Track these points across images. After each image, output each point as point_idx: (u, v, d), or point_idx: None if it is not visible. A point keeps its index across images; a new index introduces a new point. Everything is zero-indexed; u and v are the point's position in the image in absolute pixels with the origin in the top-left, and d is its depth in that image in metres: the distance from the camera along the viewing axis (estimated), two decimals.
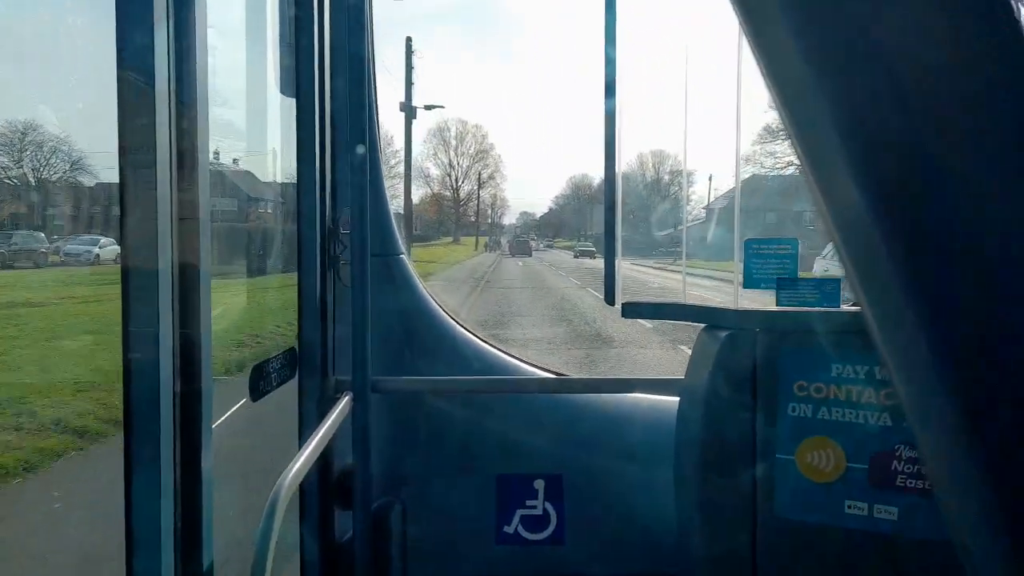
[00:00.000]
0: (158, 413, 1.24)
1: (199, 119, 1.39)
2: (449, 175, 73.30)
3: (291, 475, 1.58)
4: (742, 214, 2.60)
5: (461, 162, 74.02)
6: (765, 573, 1.90)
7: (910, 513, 1.77)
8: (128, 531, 1.25)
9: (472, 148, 73.96)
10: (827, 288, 2.00)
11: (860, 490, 1.82)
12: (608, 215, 2.30)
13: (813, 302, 2.02)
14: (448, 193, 73.13)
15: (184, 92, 1.34)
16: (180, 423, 1.32)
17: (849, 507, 1.84)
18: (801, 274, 2.14)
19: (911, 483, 1.77)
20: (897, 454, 1.79)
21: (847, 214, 0.51)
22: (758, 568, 1.91)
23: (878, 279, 0.50)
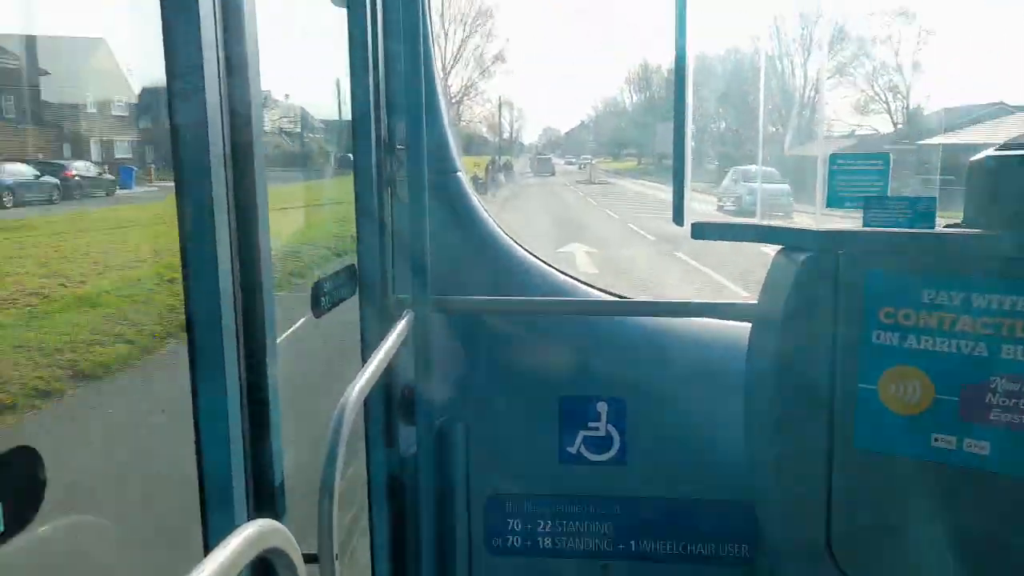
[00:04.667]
0: (220, 327, 1.23)
1: (247, 38, 1.32)
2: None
3: (355, 391, 1.57)
4: None
5: (452, 32, 42.60)
6: (841, 506, 1.84)
7: (1004, 447, 1.66)
8: (197, 436, 1.27)
9: (469, 11, 43.05)
10: (921, 207, 1.83)
11: (949, 423, 1.71)
12: (677, 118, 2.10)
13: (904, 222, 1.86)
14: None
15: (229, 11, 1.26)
16: (243, 336, 1.32)
17: (936, 440, 1.74)
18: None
19: (1007, 417, 1.65)
20: (992, 386, 1.67)
21: None
22: (833, 501, 1.84)
23: None
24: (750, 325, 2.13)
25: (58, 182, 2.81)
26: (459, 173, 2.62)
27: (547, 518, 2.55)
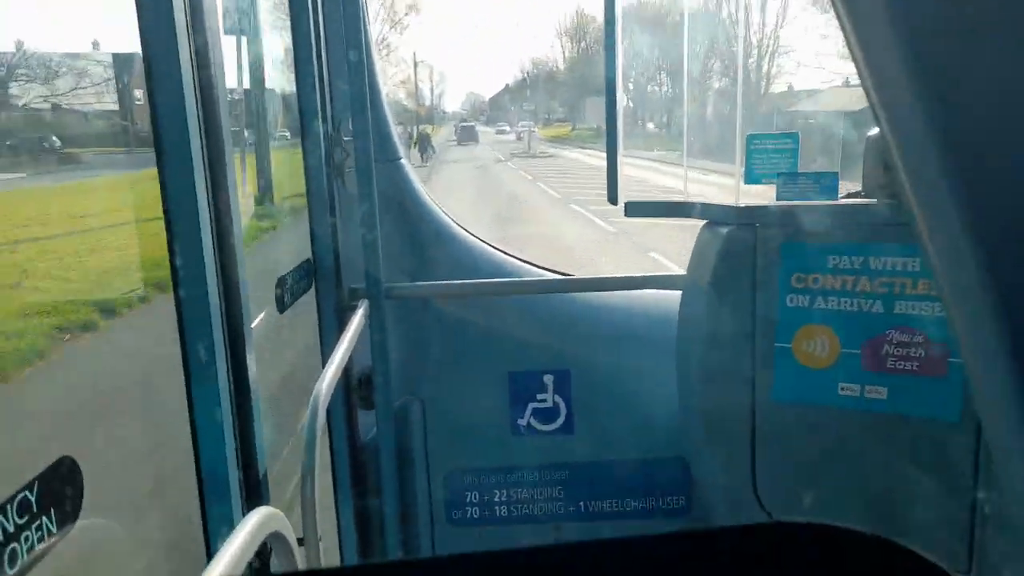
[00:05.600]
0: (210, 329, 1.34)
1: (214, 51, 1.40)
2: None
3: (324, 385, 1.68)
4: None
5: None
6: (764, 454, 2.05)
7: (898, 392, 1.89)
8: (194, 432, 1.38)
9: None
10: (825, 181, 2.05)
11: (853, 373, 1.94)
12: (608, 94, 2.22)
13: (812, 195, 2.07)
14: None
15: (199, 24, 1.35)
16: (228, 332, 1.42)
17: (842, 389, 1.97)
18: None
19: (900, 365, 1.88)
20: (888, 339, 1.90)
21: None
22: (756, 450, 2.06)
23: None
24: (680, 294, 2.33)
25: None
26: (402, 160, 2.73)
27: (502, 488, 2.72)
